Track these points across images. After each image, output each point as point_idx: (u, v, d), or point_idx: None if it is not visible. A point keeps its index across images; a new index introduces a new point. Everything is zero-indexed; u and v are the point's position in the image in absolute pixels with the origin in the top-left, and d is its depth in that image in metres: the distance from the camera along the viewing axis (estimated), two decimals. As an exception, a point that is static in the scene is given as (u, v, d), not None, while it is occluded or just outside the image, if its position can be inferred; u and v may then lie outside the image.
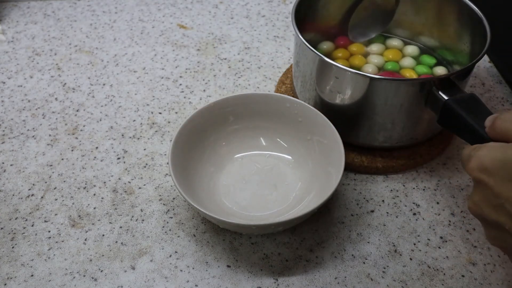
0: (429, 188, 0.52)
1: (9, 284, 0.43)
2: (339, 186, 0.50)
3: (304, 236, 0.47)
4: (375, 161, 0.52)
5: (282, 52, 0.69)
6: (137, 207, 0.49)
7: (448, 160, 0.54)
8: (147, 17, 0.75)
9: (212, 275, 0.44)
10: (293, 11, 0.53)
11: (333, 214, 0.49)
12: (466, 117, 0.43)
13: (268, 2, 0.79)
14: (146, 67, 0.66)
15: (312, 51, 0.49)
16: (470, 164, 0.35)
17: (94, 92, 0.62)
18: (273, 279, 0.44)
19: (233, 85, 0.63)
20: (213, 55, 0.68)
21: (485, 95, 0.63)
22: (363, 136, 0.52)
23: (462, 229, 0.48)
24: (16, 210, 0.49)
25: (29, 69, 0.66)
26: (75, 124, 0.58)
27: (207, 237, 0.47)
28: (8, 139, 0.56)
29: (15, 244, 0.46)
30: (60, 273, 0.44)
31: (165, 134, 0.57)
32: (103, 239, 0.47)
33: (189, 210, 0.49)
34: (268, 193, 0.49)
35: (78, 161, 0.54)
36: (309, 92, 0.54)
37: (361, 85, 0.47)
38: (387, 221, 0.48)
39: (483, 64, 0.67)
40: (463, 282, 0.44)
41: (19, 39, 0.70)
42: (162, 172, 0.53)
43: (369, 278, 0.44)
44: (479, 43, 0.50)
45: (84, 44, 0.70)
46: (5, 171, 0.53)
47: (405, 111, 0.49)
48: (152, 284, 0.43)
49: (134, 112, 0.59)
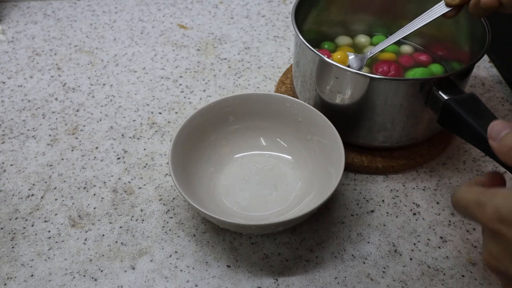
0: (429, 188, 0.52)
1: (9, 284, 0.43)
2: (339, 186, 0.50)
3: (304, 236, 0.47)
4: (375, 161, 0.52)
5: (282, 52, 0.69)
6: (137, 207, 0.49)
7: (448, 160, 0.54)
8: (147, 17, 0.75)
9: (212, 275, 0.44)
10: (293, 11, 0.53)
11: (333, 214, 0.49)
12: (466, 117, 0.43)
13: (268, 2, 0.79)
14: (146, 67, 0.66)
15: (312, 51, 0.49)
16: (486, 214, 0.31)
17: (94, 92, 0.62)
18: (273, 279, 0.44)
19: (233, 85, 0.63)
20: (213, 55, 0.68)
21: (485, 95, 0.63)
22: (363, 136, 0.52)
23: (462, 229, 0.48)
24: (16, 210, 0.49)
25: (29, 69, 0.66)
26: (75, 124, 0.58)
27: (207, 237, 0.47)
28: (8, 139, 0.56)
29: (15, 244, 0.46)
30: (60, 273, 0.44)
31: (165, 134, 0.57)
32: (103, 239, 0.47)
33: (189, 210, 0.49)
34: (268, 193, 0.49)
35: (78, 161, 0.54)
36: (309, 92, 0.54)
37: (361, 85, 0.47)
38: (387, 221, 0.48)
39: (483, 64, 0.67)
40: (463, 282, 0.44)
41: (19, 39, 0.70)
42: (162, 172, 0.53)
43: (369, 278, 0.44)
44: (479, 43, 0.50)
45: (84, 44, 0.70)
46: (5, 171, 0.53)
47: (405, 111, 0.49)
48: (152, 284, 0.43)
49: (134, 112, 0.59)
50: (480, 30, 0.50)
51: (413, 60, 0.58)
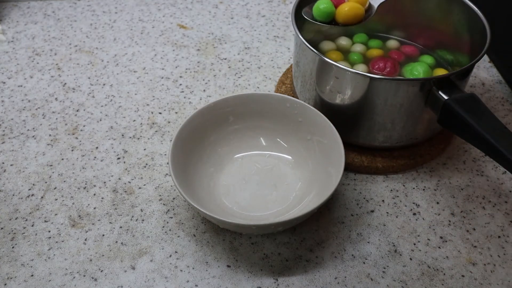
0: (429, 188, 0.52)
1: (9, 284, 0.43)
2: (339, 186, 0.50)
3: (304, 236, 0.47)
4: (375, 161, 0.52)
5: (282, 52, 0.69)
6: (137, 207, 0.49)
7: (448, 160, 0.54)
8: (147, 17, 0.75)
9: (212, 275, 0.44)
10: (293, 11, 0.53)
11: (333, 214, 0.49)
12: (466, 117, 0.43)
13: (268, 2, 0.79)
14: (146, 67, 0.66)
15: (312, 51, 0.49)
16: None
17: (94, 92, 0.62)
18: (273, 279, 0.44)
19: (233, 85, 0.63)
20: (213, 55, 0.68)
21: (485, 95, 0.63)
22: (363, 136, 0.52)
23: (462, 229, 0.48)
24: (16, 210, 0.49)
25: (29, 69, 0.66)
26: (75, 124, 0.58)
27: (207, 237, 0.47)
28: (8, 139, 0.56)
29: (15, 244, 0.46)
30: (60, 273, 0.44)
31: (165, 134, 0.57)
32: (103, 239, 0.47)
33: (189, 210, 0.49)
34: (268, 193, 0.49)
35: (78, 161, 0.54)
36: (309, 92, 0.54)
37: (361, 85, 0.47)
38: (387, 221, 0.48)
39: (483, 64, 0.67)
40: (463, 282, 0.44)
41: (19, 39, 0.70)
42: (162, 172, 0.53)
43: (369, 278, 0.44)
44: (479, 43, 0.50)
45: (84, 44, 0.70)
46: (5, 171, 0.53)
47: (405, 111, 0.49)
48: (152, 284, 0.43)
49: (134, 112, 0.59)
50: (480, 30, 0.50)
51: (403, 54, 0.58)
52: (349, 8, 0.53)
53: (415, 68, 0.55)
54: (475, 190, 0.51)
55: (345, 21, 0.53)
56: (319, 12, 0.53)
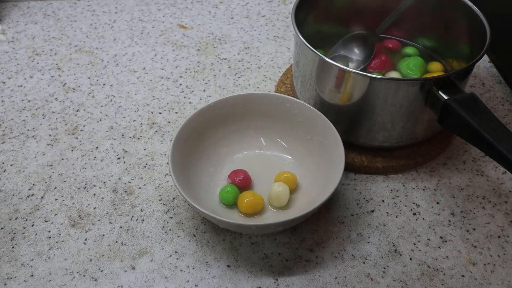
0: (429, 188, 0.52)
1: (9, 284, 0.43)
2: (339, 186, 0.50)
3: (304, 236, 0.47)
4: (375, 161, 0.52)
5: (282, 52, 0.69)
6: (137, 207, 0.49)
7: (448, 160, 0.54)
8: (147, 17, 0.75)
9: (212, 275, 0.44)
10: (293, 11, 0.53)
11: (333, 214, 0.49)
12: (466, 117, 0.43)
13: (268, 2, 0.79)
14: (146, 67, 0.66)
15: (312, 51, 0.49)
16: None
17: (94, 92, 0.62)
18: (273, 279, 0.44)
19: (233, 85, 0.63)
20: (213, 55, 0.68)
21: (485, 95, 0.63)
22: (363, 136, 0.52)
23: (462, 229, 0.48)
24: (16, 210, 0.49)
25: (29, 69, 0.66)
26: (75, 124, 0.58)
27: (207, 237, 0.47)
28: (8, 139, 0.56)
29: (15, 244, 0.46)
30: (60, 273, 0.44)
31: (165, 134, 0.57)
32: (103, 239, 0.47)
33: (189, 210, 0.49)
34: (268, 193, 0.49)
35: (78, 161, 0.54)
36: (309, 92, 0.54)
37: (361, 85, 0.47)
38: (387, 221, 0.48)
39: (483, 64, 0.67)
40: (463, 282, 0.44)
41: (19, 39, 0.70)
42: (162, 172, 0.53)
43: (369, 278, 0.44)
44: (479, 43, 0.50)
45: (84, 44, 0.70)
46: (5, 171, 0.53)
47: (405, 111, 0.49)
48: (152, 284, 0.43)
49: (134, 112, 0.59)
50: (480, 30, 0.50)
51: (390, 49, 0.60)
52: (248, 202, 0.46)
53: (411, 63, 0.56)
54: (475, 190, 0.51)
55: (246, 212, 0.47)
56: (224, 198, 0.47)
